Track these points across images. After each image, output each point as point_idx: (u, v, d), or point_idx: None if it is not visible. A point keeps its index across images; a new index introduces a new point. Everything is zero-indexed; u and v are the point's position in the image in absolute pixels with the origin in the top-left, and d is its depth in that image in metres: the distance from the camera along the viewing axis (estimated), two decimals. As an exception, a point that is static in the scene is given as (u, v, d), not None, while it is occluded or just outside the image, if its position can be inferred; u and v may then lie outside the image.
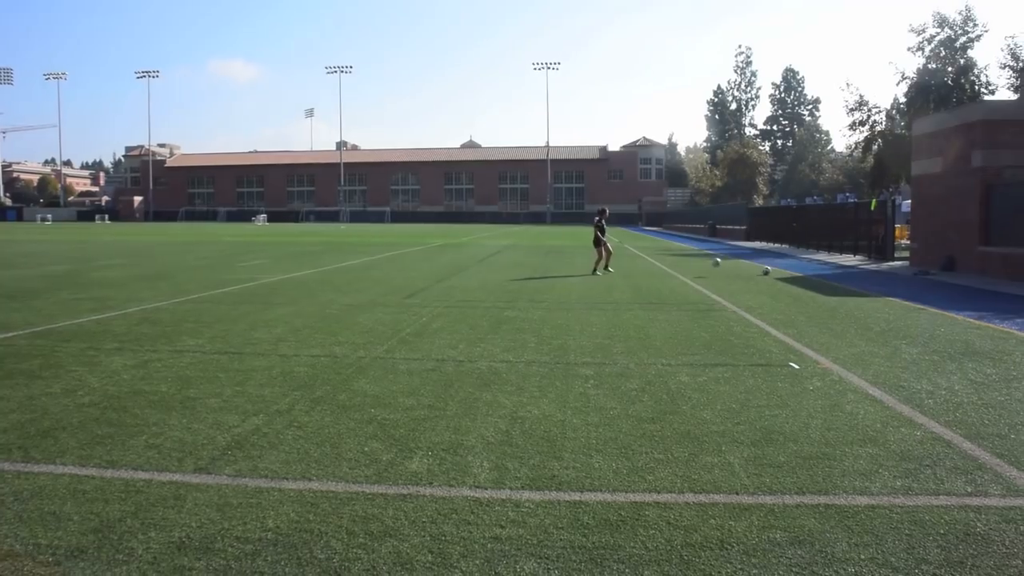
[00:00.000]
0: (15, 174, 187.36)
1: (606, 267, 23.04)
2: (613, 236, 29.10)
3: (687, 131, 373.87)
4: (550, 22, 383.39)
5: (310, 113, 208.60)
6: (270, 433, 6.22)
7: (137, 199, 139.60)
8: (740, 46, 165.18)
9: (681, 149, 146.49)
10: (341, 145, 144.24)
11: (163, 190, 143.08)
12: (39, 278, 20.40)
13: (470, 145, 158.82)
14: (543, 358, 9.44)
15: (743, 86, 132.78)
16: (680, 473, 5.31)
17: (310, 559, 4.03)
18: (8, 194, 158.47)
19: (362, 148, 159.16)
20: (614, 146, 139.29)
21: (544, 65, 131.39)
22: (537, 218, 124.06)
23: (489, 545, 4.19)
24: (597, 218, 23.87)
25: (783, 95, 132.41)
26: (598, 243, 22.96)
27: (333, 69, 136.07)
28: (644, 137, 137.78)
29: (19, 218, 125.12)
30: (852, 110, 49.12)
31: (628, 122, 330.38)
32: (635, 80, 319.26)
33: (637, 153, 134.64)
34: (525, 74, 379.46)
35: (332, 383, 8.00)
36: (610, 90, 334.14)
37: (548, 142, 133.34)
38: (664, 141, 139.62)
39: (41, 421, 6.58)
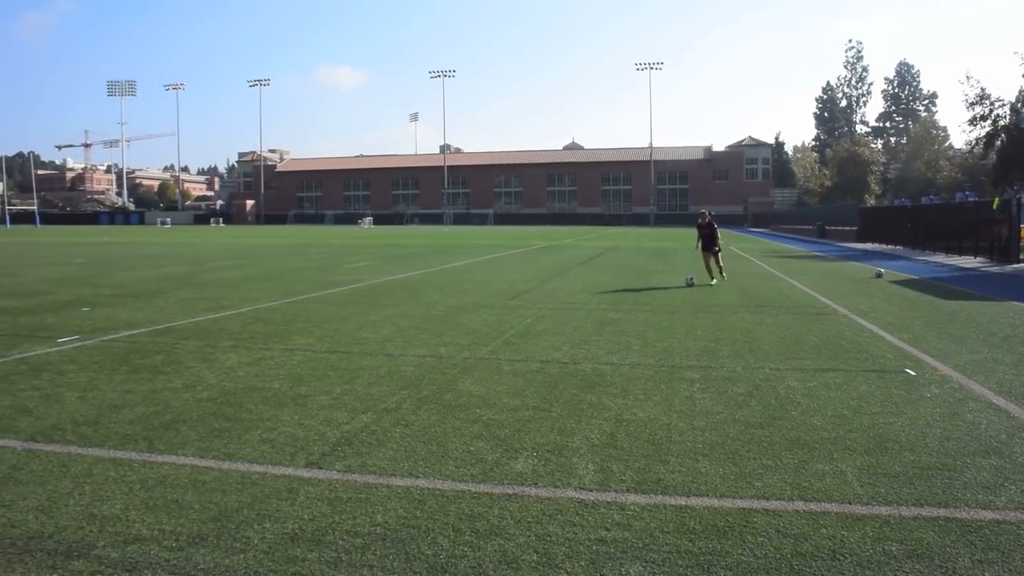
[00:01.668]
0: (138, 180, 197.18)
1: (720, 272, 20.35)
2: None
3: (795, 130, 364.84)
4: (653, 22, 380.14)
5: (414, 117, 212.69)
6: (378, 431, 6.36)
7: (249, 203, 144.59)
8: (851, 41, 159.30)
9: (788, 148, 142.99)
10: (445, 148, 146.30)
11: (273, 194, 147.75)
12: (159, 279, 21.36)
13: (572, 147, 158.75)
14: (648, 361, 9.37)
15: (854, 82, 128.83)
16: (790, 480, 5.20)
17: (418, 555, 4.11)
18: (132, 199, 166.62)
19: (465, 151, 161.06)
20: (719, 146, 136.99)
21: (647, 65, 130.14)
22: (640, 220, 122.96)
23: (594, 547, 4.19)
24: (707, 220, 20.75)
25: (896, 90, 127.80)
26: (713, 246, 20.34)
27: (437, 73, 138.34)
28: (750, 136, 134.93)
29: (141, 221, 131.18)
30: (972, 104, 46.76)
31: (733, 122, 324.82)
32: (741, 78, 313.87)
33: (743, 153, 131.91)
34: (628, 74, 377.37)
35: (438, 383, 8.13)
36: (715, 89, 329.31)
37: (651, 143, 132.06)
38: (771, 140, 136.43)
39: (164, 414, 6.91)
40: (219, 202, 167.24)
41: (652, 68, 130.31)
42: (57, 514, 4.66)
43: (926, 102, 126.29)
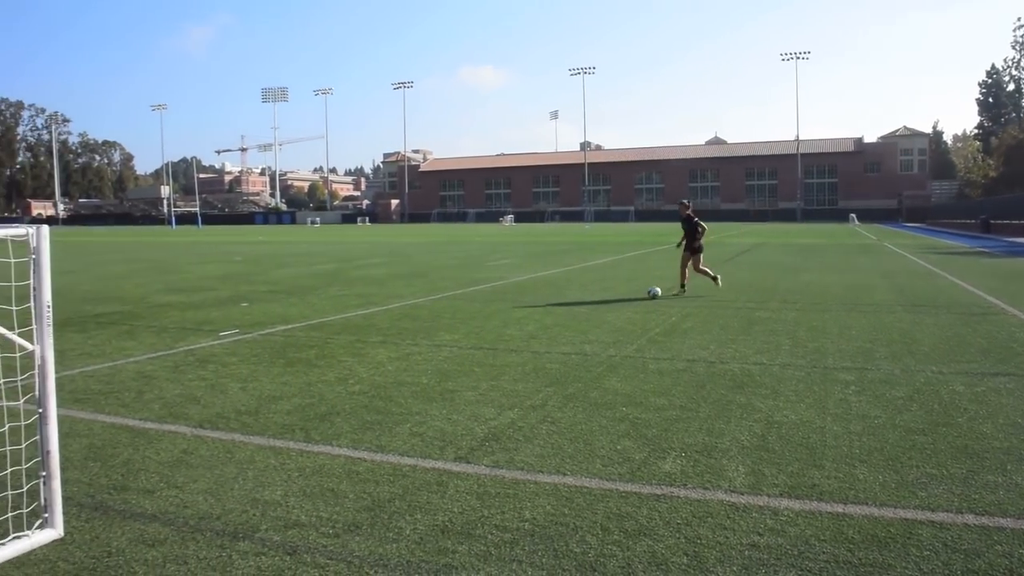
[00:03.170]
0: (289, 181, 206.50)
1: (711, 276, 17.22)
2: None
3: (955, 118, 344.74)
4: (797, 9, 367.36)
5: (554, 115, 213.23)
6: (525, 427, 6.40)
7: (394, 202, 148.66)
8: (1019, 19, 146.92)
9: (948, 138, 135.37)
10: (585, 145, 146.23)
11: (417, 193, 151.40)
12: (311, 276, 22.25)
13: (715, 142, 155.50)
14: (799, 361, 9.06)
15: (1023, 63, 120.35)
16: (957, 491, 4.89)
17: (566, 552, 4.10)
18: (284, 200, 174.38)
19: (605, 148, 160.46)
20: (870, 137, 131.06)
21: (793, 55, 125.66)
22: (786, 215, 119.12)
23: (746, 552, 4.07)
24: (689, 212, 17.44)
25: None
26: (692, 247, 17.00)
27: (576, 71, 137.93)
28: (904, 126, 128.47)
29: (293, 221, 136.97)
30: None
31: (886, 111, 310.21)
32: (895, 65, 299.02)
33: (897, 144, 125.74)
34: (772, 65, 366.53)
35: (583, 380, 8.11)
36: (866, 78, 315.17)
37: (798, 135, 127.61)
38: (927, 130, 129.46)
39: (318, 406, 7.18)
40: (365, 202, 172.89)
41: (798, 58, 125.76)
42: (224, 497, 4.92)
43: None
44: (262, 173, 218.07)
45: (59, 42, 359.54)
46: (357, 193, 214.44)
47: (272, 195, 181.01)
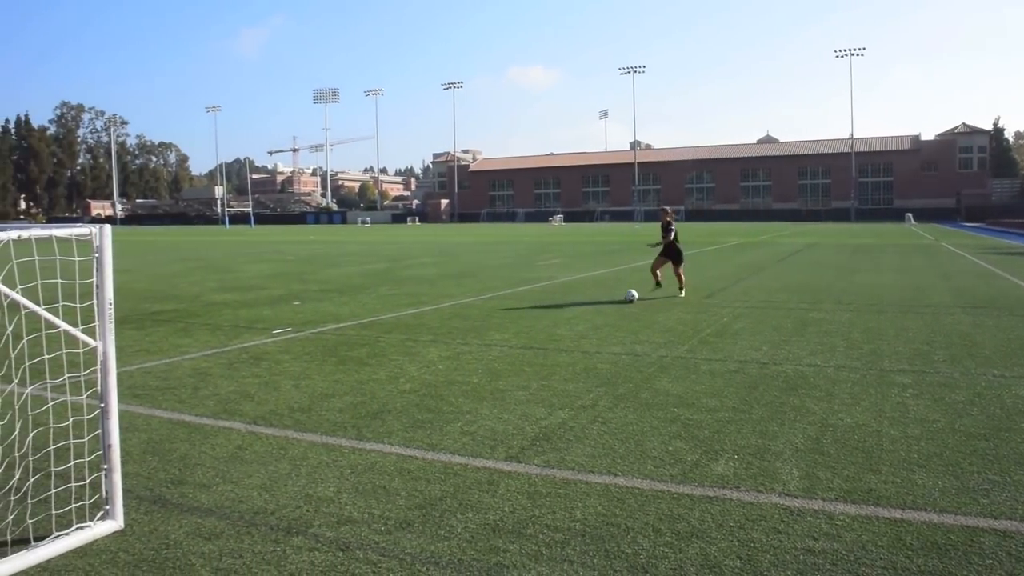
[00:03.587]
0: (340, 182, 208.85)
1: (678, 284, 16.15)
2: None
3: (1016, 115, 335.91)
4: (853, 6, 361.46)
5: (604, 114, 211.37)
6: (576, 427, 6.39)
7: (443, 202, 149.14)
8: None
9: (1009, 135, 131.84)
10: (635, 145, 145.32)
11: (466, 193, 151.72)
12: (361, 275, 22.45)
13: (767, 140, 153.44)
14: (854, 363, 8.90)
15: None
16: (1022, 499, 4.76)
17: (618, 553, 4.09)
18: (335, 199, 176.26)
19: (656, 147, 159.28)
20: (927, 135, 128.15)
21: (847, 52, 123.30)
22: (840, 215, 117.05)
23: (801, 557, 4.02)
24: (668, 219, 16.73)
25: None
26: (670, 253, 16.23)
27: (627, 69, 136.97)
28: (963, 123, 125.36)
29: (343, 221, 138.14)
30: None
31: (945, 108, 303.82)
32: (954, 61, 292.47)
33: (955, 142, 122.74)
34: (826, 62, 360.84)
35: (634, 381, 8.06)
36: (924, 74, 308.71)
37: (852, 133, 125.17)
38: (988, 127, 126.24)
39: (370, 404, 7.24)
40: (415, 201, 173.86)
41: (853, 54, 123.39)
42: (278, 493, 4.99)
43: None
44: (313, 173, 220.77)
45: (118, 47, 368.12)
46: (407, 193, 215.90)
47: (323, 195, 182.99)
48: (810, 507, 4.66)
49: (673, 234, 16.19)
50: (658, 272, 16.52)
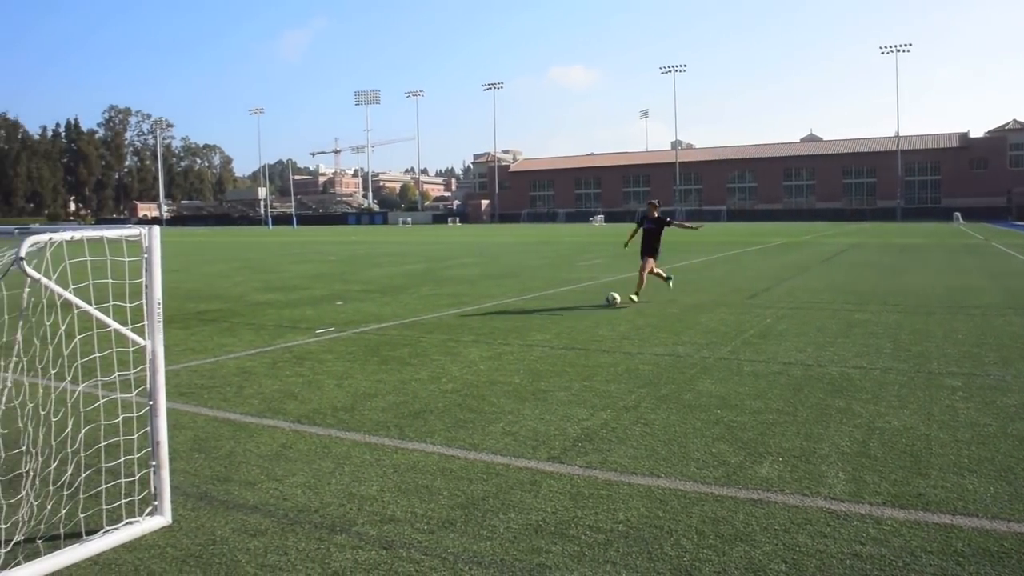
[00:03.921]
0: (381, 183, 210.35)
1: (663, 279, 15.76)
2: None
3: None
4: (898, 1, 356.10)
5: (645, 114, 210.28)
6: (618, 428, 6.36)
7: (484, 202, 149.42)
8: None
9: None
10: (676, 144, 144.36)
11: (507, 193, 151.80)
12: (403, 275, 22.58)
13: (810, 139, 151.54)
14: (901, 365, 8.75)
15: None
16: (1077, 504, 4.65)
17: (661, 555, 4.06)
18: (376, 200, 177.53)
19: (697, 147, 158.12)
20: (976, 132, 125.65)
21: (892, 48, 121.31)
22: (885, 215, 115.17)
23: (848, 561, 3.96)
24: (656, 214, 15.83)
25: None
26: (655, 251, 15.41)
27: (667, 69, 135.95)
28: (1015, 120, 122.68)
29: (384, 221, 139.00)
30: None
31: (995, 104, 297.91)
32: (1004, 54, 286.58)
33: (1006, 139, 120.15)
34: (871, 59, 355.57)
35: (677, 382, 8.01)
36: (973, 69, 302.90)
37: (898, 131, 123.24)
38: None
39: (412, 403, 7.28)
40: (456, 202, 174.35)
41: (899, 51, 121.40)
42: (321, 491, 5.03)
43: None
44: (355, 174, 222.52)
45: (164, 51, 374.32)
46: (447, 193, 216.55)
47: (364, 196, 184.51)
48: (857, 511, 4.59)
49: (662, 226, 15.45)
50: (654, 272, 15.37)
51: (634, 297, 14.75)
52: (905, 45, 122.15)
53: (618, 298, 14.54)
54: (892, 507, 4.65)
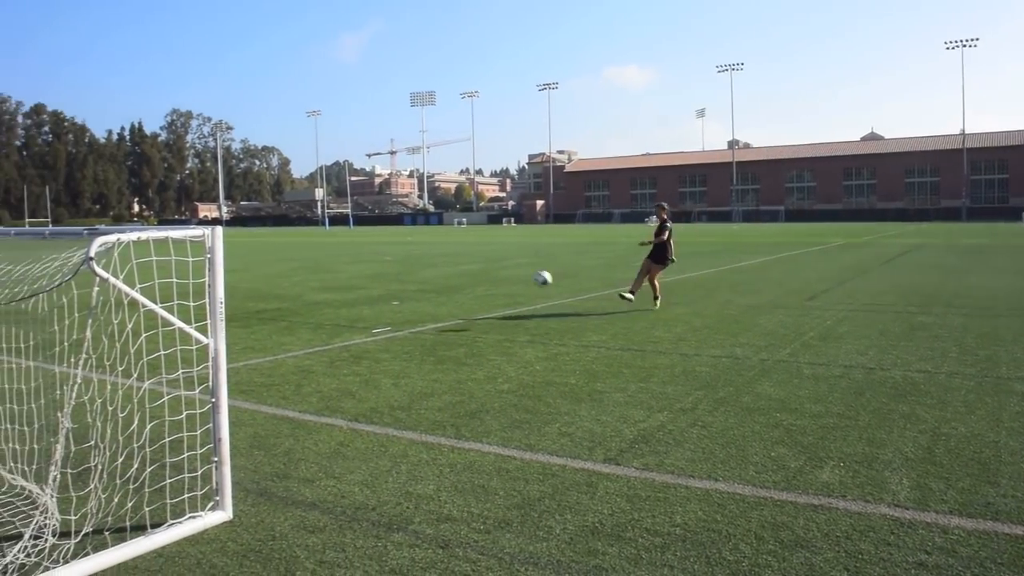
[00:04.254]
0: (437, 183, 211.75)
1: (632, 292, 14.27)
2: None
3: None
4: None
5: (701, 113, 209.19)
6: (675, 430, 6.30)
7: (539, 203, 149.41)
8: None
9: None
10: (733, 144, 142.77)
11: (562, 194, 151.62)
12: (458, 276, 22.67)
13: (871, 137, 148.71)
14: (968, 370, 8.53)
15: None
16: None
17: (719, 559, 4.01)
18: (431, 201, 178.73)
19: (754, 146, 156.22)
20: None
21: (958, 43, 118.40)
22: (950, 214, 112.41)
23: (912, 571, 3.86)
24: (665, 217, 14.74)
25: None
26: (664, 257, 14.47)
27: (724, 68, 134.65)
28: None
29: (440, 222, 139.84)
30: None
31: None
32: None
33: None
34: (935, 55, 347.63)
35: (735, 384, 7.91)
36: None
37: (963, 129, 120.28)
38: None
39: (468, 403, 7.30)
40: (511, 203, 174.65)
41: (964, 46, 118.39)
42: (378, 489, 5.07)
43: None
44: (410, 175, 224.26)
45: (224, 55, 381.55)
46: (503, 194, 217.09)
47: (420, 197, 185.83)
48: (922, 519, 4.48)
49: (668, 234, 14.35)
50: (652, 281, 14.44)
51: (655, 304, 14.12)
52: (971, 40, 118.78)
53: (549, 279, 14.36)
54: (959, 516, 4.53)
